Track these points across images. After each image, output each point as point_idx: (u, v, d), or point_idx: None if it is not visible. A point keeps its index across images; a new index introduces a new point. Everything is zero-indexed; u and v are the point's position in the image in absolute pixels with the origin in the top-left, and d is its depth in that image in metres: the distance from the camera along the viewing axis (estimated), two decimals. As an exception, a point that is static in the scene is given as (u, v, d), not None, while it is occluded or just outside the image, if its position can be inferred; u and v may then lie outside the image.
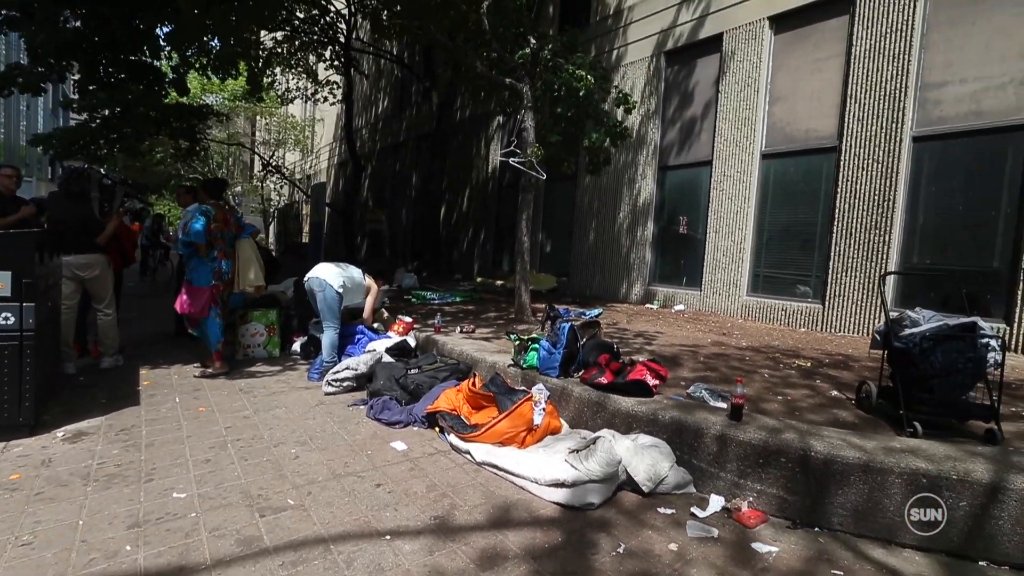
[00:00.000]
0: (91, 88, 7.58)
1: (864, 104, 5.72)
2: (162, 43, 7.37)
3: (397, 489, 2.48)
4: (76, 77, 7.79)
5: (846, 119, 5.86)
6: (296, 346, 5.25)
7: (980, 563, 2.00)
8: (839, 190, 5.92)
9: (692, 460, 2.58)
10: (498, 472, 2.63)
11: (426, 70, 13.83)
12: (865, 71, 5.71)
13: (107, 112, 8.54)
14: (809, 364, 4.14)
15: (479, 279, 10.60)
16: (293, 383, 4.28)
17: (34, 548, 1.92)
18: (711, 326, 6.13)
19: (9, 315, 2.81)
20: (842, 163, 5.90)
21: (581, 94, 5.43)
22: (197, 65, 8.13)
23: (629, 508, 2.39)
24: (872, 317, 5.64)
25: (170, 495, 2.35)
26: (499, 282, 9.80)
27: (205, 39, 7.38)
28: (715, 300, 7.18)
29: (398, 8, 8.21)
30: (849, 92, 5.83)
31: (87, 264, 4.25)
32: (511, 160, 5.72)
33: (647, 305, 7.85)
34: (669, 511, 2.35)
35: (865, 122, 5.71)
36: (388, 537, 2.07)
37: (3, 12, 6.26)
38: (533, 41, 5.80)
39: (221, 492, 2.40)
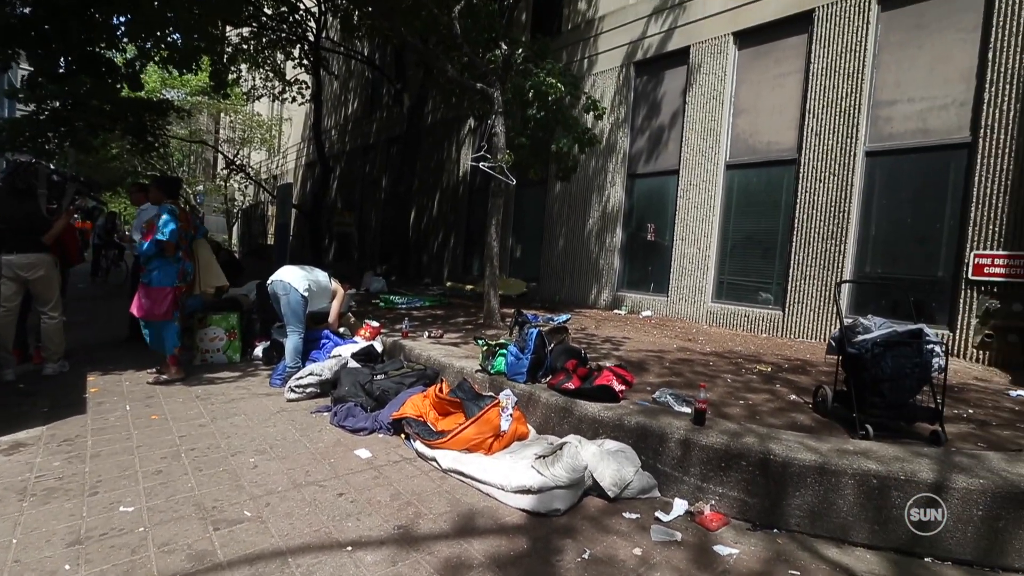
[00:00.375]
0: (40, 80, 7.20)
1: (821, 119, 5.97)
2: (118, 35, 7.06)
3: (360, 498, 2.42)
4: (24, 67, 7.39)
5: (805, 133, 6.11)
6: (258, 351, 5.09)
7: (925, 559, 2.09)
8: (798, 201, 6.15)
9: (657, 465, 2.61)
10: (464, 479, 2.60)
11: (397, 72, 13.71)
12: (822, 88, 5.97)
13: (57, 104, 8.14)
14: (769, 369, 4.27)
15: (448, 283, 10.53)
16: (254, 389, 4.14)
17: (-40, 569, 1.78)
18: (677, 332, 6.26)
19: (-61, 318, 2.62)
20: (801, 175, 6.13)
21: (550, 99, 5.49)
22: (157, 59, 7.82)
23: (594, 514, 2.40)
24: (828, 323, 5.87)
25: (116, 509, 2.23)
26: (468, 287, 9.76)
27: (165, 32, 7.12)
28: (681, 306, 7.34)
29: (369, 8, 8.12)
30: (807, 107, 6.08)
31: (31, 264, 4.02)
32: (481, 164, 5.72)
33: (615, 311, 7.95)
34: (634, 516, 2.37)
35: (822, 136, 5.96)
36: (349, 548, 2.02)
37: None
38: (504, 46, 5.82)
39: (172, 505, 2.29)
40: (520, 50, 5.89)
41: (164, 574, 1.81)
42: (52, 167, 4.97)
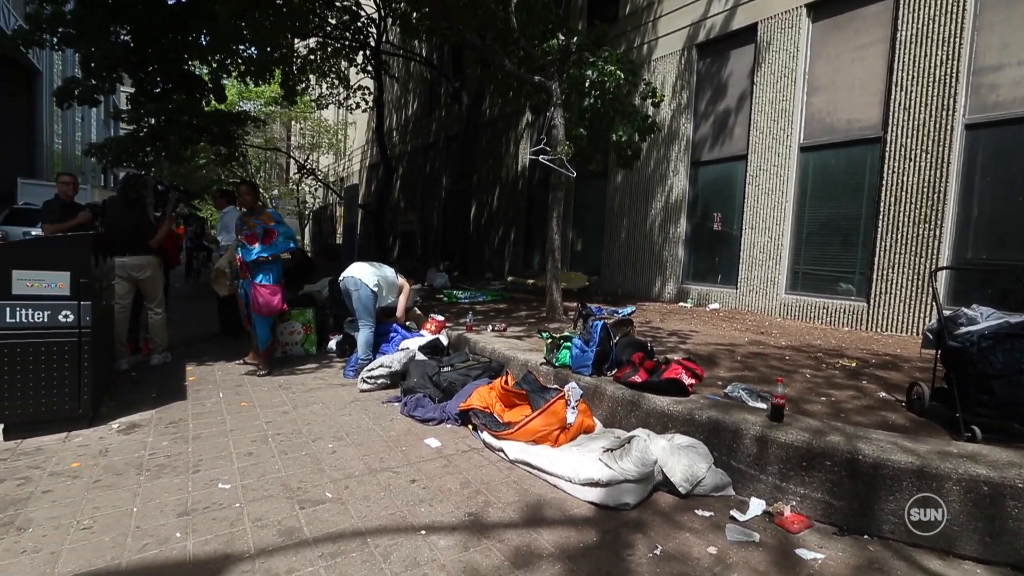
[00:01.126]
0: (140, 99, 7.96)
1: (911, 92, 5.45)
2: (203, 51, 7.66)
3: (431, 485, 2.50)
4: (126, 90, 8.20)
5: (891, 108, 5.60)
6: (332, 344, 5.38)
7: (1047, 576, 1.88)
8: (884, 182, 5.66)
9: (731, 462, 2.51)
10: (531, 470, 2.62)
11: (455, 71, 13.93)
12: (911, 57, 5.45)
13: (152, 121, 8.95)
14: (854, 364, 3.98)
15: (509, 278, 10.62)
16: (329, 380, 4.39)
17: (94, 532, 2.02)
18: (748, 325, 5.97)
19: (68, 313, 2.98)
20: (887, 154, 5.64)
21: (608, 87, 5.37)
22: (235, 72, 8.43)
23: (665, 509, 2.34)
24: (922, 315, 5.38)
25: (216, 486, 2.44)
26: (530, 281, 9.79)
27: (240, 46, 7.65)
28: (752, 298, 6.99)
29: (427, 9, 8.30)
30: (894, 79, 5.57)
31: (140, 265, 4.46)
32: (541, 158, 5.70)
33: (680, 304, 7.70)
34: (707, 514, 2.30)
35: (912, 110, 5.44)
36: (423, 532, 2.09)
37: (60, 30, 6.63)
38: (561, 37, 5.76)
39: (263, 484, 2.48)
40: (576, 39, 5.80)
41: (259, 546, 1.96)
42: (156, 178, 5.50)
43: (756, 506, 2.32)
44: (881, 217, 5.69)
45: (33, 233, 6.70)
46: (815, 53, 6.41)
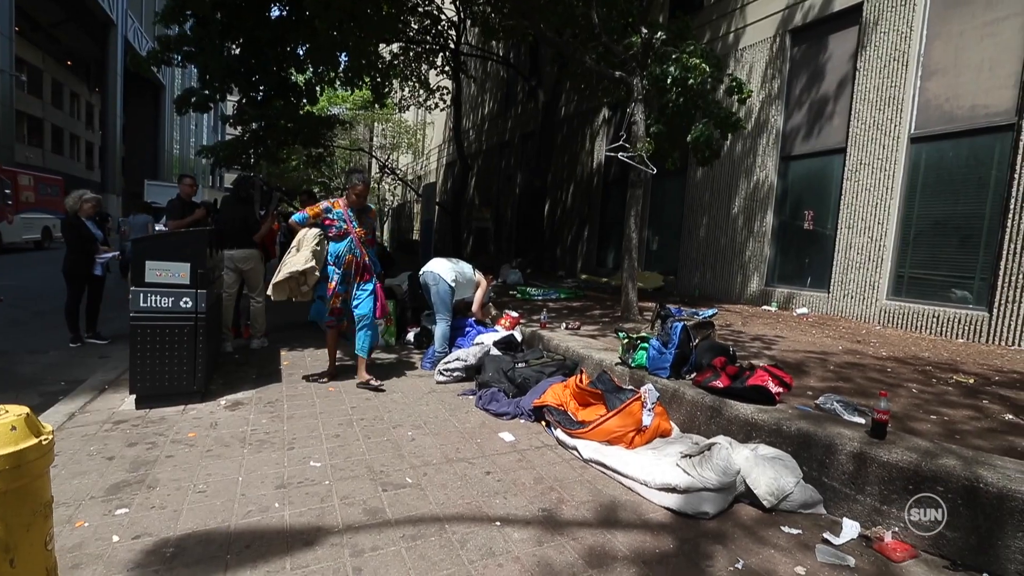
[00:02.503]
0: (245, 106, 8.75)
1: (1055, 72, 4.74)
2: (302, 60, 8.27)
3: (506, 478, 2.55)
4: (235, 98, 9.04)
5: (1029, 91, 4.90)
6: (410, 336, 5.62)
7: None
8: (1016, 176, 4.98)
9: (822, 478, 2.34)
10: (605, 471, 2.60)
11: (532, 69, 13.98)
12: (1058, 32, 4.73)
13: (254, 126, 9.79)
14: (972, 381, 3.55)
15: (583, 276, 10.52)
16: (408, 371, 4.59)
17: (207, 496, 2.27)
18: (841, 332, 5.50)
19: (188, 300, 3.35)
20: (1022, 143, 4.95)
21: (690, 83, 5.13)
22: (328, 79, 9.02)
23: (748, 523, 2.23)
24: (1060, 328, 4.68)
25: (308, 463, 2.64)
26: (604, 279, 9.65)
27: (336, 54, 8.17)
28: (846, 303, 6.43)
29: (506, 9, 8.39)
30: (1034, 58, 4.87)
31: (246, 258, 4.92)
32: (620, 155, 5.58)
33: (764, 307, 7.24)
34: (794, 531, 2.16)
35: (1056, 93, 4.73)
36: (498, 523, 2.14)
37: (184, 48, 7.44)
38: (644, 30, 5.60)
39: (349, 464, 2.65)
40: (659, 33, 5.60)
41: (346, 522, 2.10)
42: (261, 179, 6.02)
43: (851, 528, 2.15)
44: (1011, 215, 5.00)
45: (156, 228, 7.58)
46: (932, 32, 5.75)
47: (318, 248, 3.83)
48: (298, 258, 3.77)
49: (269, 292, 3.79)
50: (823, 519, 2.27)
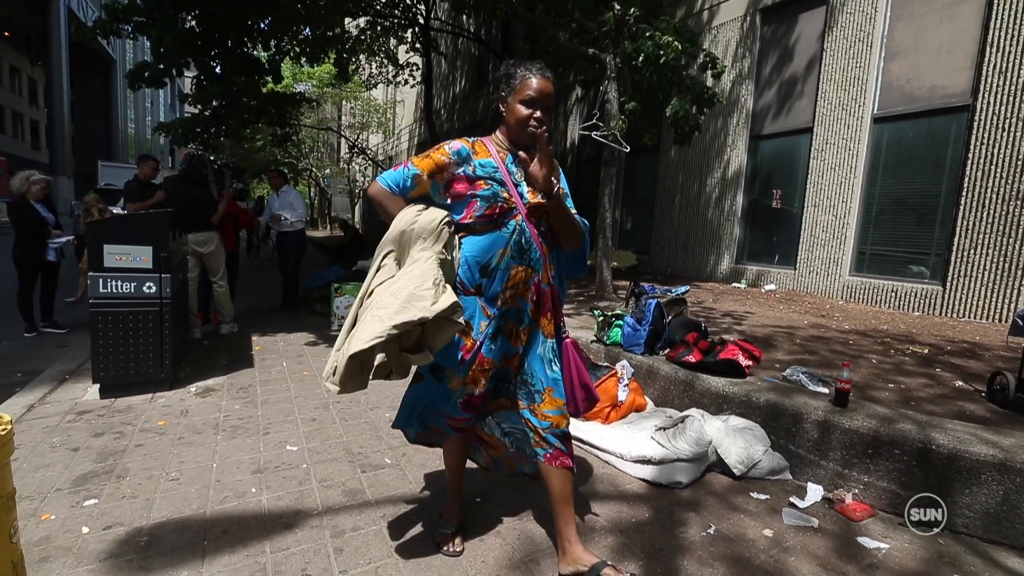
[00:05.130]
0: (204, 83, 8.34)
1: (1009, 52, 4.93)
2: (263, 35, 7.92)
3: (484, 456, 2.58)
4: (192, 74, 8.60)
5: (984, 72, 5.09)
6: (384, 318, 5.56)
7: None
8: (971, 155, 5.19)
9: (789, 446, 2.45)
10: (583, 445, 2.65)
11: (504, 45, 13.73)
12: (1013, 12, 4.90)
13: (214, 103, 9.37)
14: (927, 351, 3.74)
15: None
16: (383, 353, 4.55)
17: (180, 483, 2.22)
18: (807, 307, 5.70)
19: (151, 284, 3.22)
20: (976, 123, 5.15)
21: (661, 61, 5.13)
22: (291, 53, 8.66)
23: (719, 490, 2.32)
24: (1007, 300, 4.96)
25: (284, 447, 2.61)
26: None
27: (298, 28, 7.84)
28: (812, 280, 6.65)
29: (477, -17, 8.18)
30: (990, 39, 5.04)
31: (204, 240, 4.75)
32: (593, 133, 5.57)
33: (734, 284, 7.43)
34: (763, 496, 2.26)
35: (1009, 74, 4.93)
36: (478, 500, 2.17)
37: (135, 19, 7.01)
38: (617, 7, 5.55)
39: (327, 448, 2.63)
40: (633, 9, 5.56)
41: (326, 504, 2.10)
42: (212, 157, 5.78)
43: (815, 492, 2.26)
44: (964, 193, 5.23)
45: (114, 211, 7.24)
46: (896, 14, 5.88)
47: (446, 254, 1.60)
48: (416, 286, 1.47)
49: (334, 383, 1.48)
50: (790, 484, 2.37)
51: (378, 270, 1.59)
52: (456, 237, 1.63)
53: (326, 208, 29.26)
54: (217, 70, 8.29)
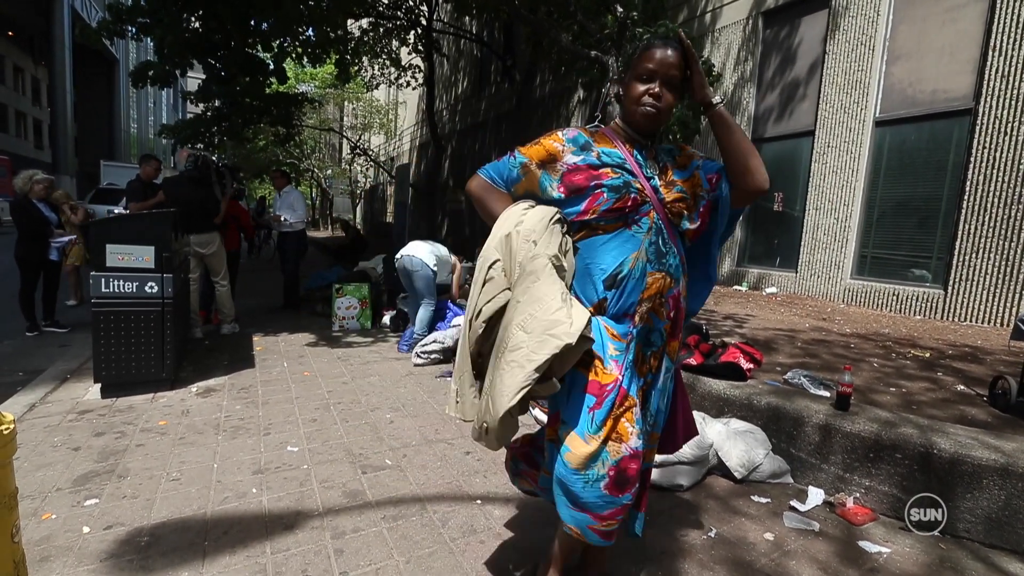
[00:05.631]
0: (208, 82, 8.36)
1: (1011, 56, 4.93)
2: (267, 35, 7.93)
3: (486, 457, 2.58)
4: (195, 74, 8.62)
5: (987, 76, 5.09)
6: (386, 319, 5.57)
7: None
8: (973, 159, 5.19)
9: (790, 450, 2.44)
10: (583, 448, 2.65)
11: (506, 47, 13.76)
12: (1015, 15, 4.90)
13: (217, 104, 9.38)
14: (928, 355, 3.73)
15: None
16: (385, 354, 4.56)
17: (181, 483, 2.22)
18: (808, 310, 5.70)
19: (153, 284, 3.23)
20: (978, 127, 5.15)
21: None
22: (293, 54, 8.68)
23: (720, 494, 2.31)
24: (1008, 304, 4.95)
25: (285, 448, 2.61)
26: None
27: (300, 28, 7.85)
28: (813, 283, 6.65)
29: (480, -15, 8.20)
30: (992, 43, 5.04)
31: (207, 241, 4.76)
32: (594, 136, 5.57)
33: (735, 287, 7.43)
34: (764, 500, 2.25)
35: (1012, 78, 4.92)
36: (479, 502, 2.17)
37: (139, 19, 7.03)
38: (620, 9, 5.55)
39: (327, 449, 2.63)
40: (634, 12, 5.56)
41: (326, 505, 2.10)
42: (214, 157, 5.79)
43: (816, 495, 2.25)
44: (966, 197, 5.23)
45: (116, 211, 7.26)
46: (898, 17, 5.89)
47: (560, 260, 1.30)
48: (544, 310, 1.21)
49: (491, 444, 1.34)
50: (790, 488, 2.37)
51: (485, 284, 1.31)
52: (570, 240, 1.33)
53: (328, 209, 29.29)
54: (223, 73, 8.31)
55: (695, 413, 2.61)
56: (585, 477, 1.22)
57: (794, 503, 2.21)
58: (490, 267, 1.31)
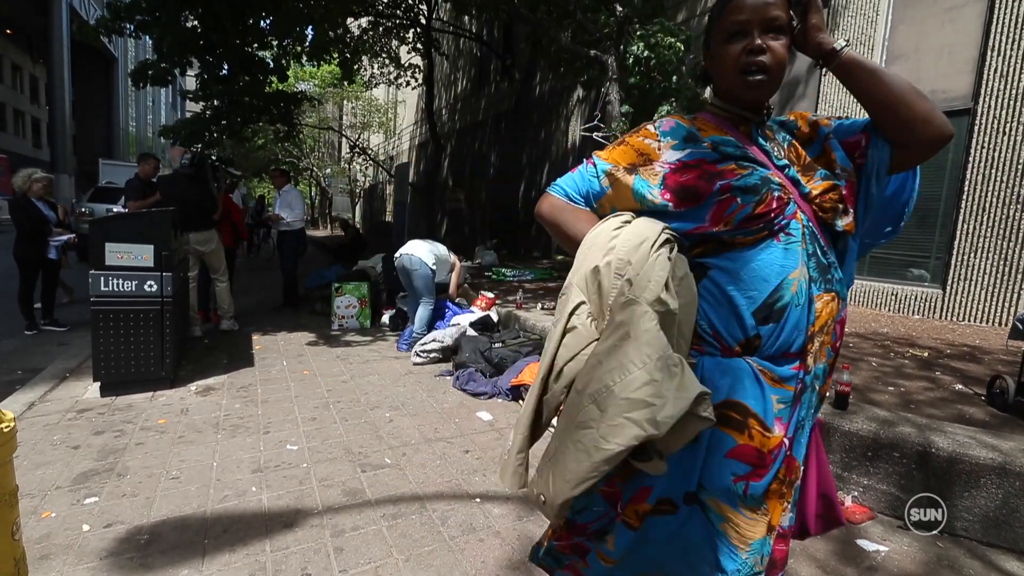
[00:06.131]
0: (207, 81, 8.35)
1: (1011, 56, 4.93)
2: (266, 35, 7.94)
3: (484, 456, 2.58)
4: (194, 73, 8.60)
5: (985, 75, 5.10)
6: (385, 318, 5.56)
7: None
8: (972, 158, 5.19)
9: (789, 448, 2.45)
10: (582, 447, 2.65)
11: (505, 46, 13.76)
12: (1014, 16, 4.91)
13: (216, 103, 9.37)
14: (927, 354, 3.74)
15: (558, 257, 10.57)
16: (384, 352, 4.56)
17: (181, 482, 2.23)
18: (808, 310, 5.70)
19: (152, 283, 3.23)
20: (977, 127, 5.16)
21: (652, 63, 5.12)
22: (293, 53, 8.69)
23: (719, 492, 2.32)
24: (1007, 304, 4.96)
25: (284, 446, 2.62)
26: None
27: (300, 28, 7.85)
28: (812, 282, 6.65)
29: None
30: (991, 43, 5.05)
31: (205, 239, 4.75)
32: (594, 135, 5.58)
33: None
34: (762, 498, 2.26)
35: (1011, 77, 4.93)
36: (478, 500, 2.17)
37: (138, 17, 7.02)
38: (619, 8, 5.55)
39: (327, 447, 2.63)
40: (630, 9, 5.56)
41: (326, 504, 2.10)
42: (207, 153, 5.76)
43: (815, 494, 2.26)
44: (965, 197, 5.24)
45: (115, 210, 7.25)
46: (897, 17, 5.89)
47: (670, 301, 0.90)
48: (628, 381, 0.86)
49: (553, 517, 1.05)
50: (789, 487, 2.37)
51: (566, 335, 0.99)
52: (684, 262, 0.96)
53: (327, 208, 29.27)
54: (223, 71, 8.30)
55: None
56: (746, 561, 0.93)
57: (792, 502, 2.22)
58: (572, 312, 0.99)
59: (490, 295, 5.28)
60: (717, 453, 0.94)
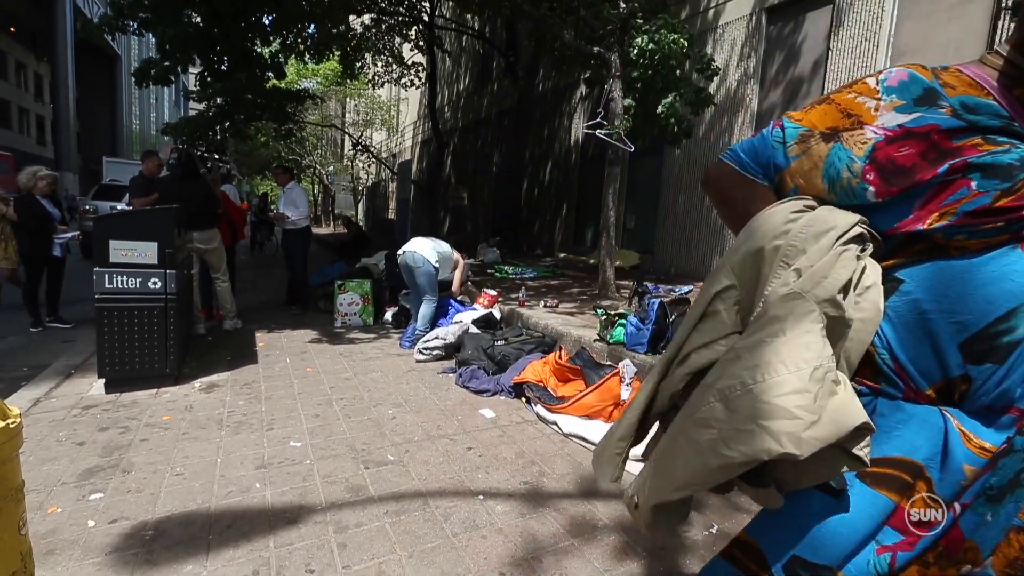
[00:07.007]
0: (209, 79, 8.37)
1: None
2: (267, 31, 7.95)
3: (487, 453, 2.59)
4: (197, 70, 8.63)
5: (991, 72, 5.05)
6: (388, 315, 5.57)
7: None
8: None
9: (792, 446, 2.44)
10: (585, 444, 2.65)
11: (508, 43, 13.73)
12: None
13: (219, 100, 9.40)
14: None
15: (561, 254, 10.58)
16: (387, 350, 4.56)
17: (185, 478, 2.24)
18: (811, 307, 5.68)
19: (156, 280, 3.24)
20: (983, 124, 5.12)
21: (656, 57, 5.10)
22: (296, 50, 8.70)
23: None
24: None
25: (287, 443, 2.62)
26: (582, 257, 9.72)
27: (302, 25, 7.86)
28: (816, 280, 6.62)
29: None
30: (998, 40, 5.01)
31: (207, 238, 4.75)
32: (597, 132, 5.57)
33: (737, 284, 7.41)
34: (766, 496, 2.25)
35: (1017, 75, 4.89)
36: (481, 497, 2.17)
37: (141, 15, 7.05)
38: (623, 5, 5.53)
39: (330, 444, 2.64)
40: (636, 6, 5.54)
41: (329, 500, 2.11)
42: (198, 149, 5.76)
43: (819, 492, 2.25)
44: None
45: (119, 207, 7.27)
46: (903, 14, 5.85)
47: (843, 311, 0.71)
48: (771, 383, 0.69)
49: (648, 529, 1.00)
50: (792, 484, 2.37)
51: (703, 319, 0.86)
52: (875, 269, 0.76)
53: (330, 205, 29.32)
54: (223, 67, 8.31)
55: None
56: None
57: (796, 499, 2.22)
58: (716, 296, 0.84)
59: (493, 292, 5.29)
60: (855, 511, 0.73)
